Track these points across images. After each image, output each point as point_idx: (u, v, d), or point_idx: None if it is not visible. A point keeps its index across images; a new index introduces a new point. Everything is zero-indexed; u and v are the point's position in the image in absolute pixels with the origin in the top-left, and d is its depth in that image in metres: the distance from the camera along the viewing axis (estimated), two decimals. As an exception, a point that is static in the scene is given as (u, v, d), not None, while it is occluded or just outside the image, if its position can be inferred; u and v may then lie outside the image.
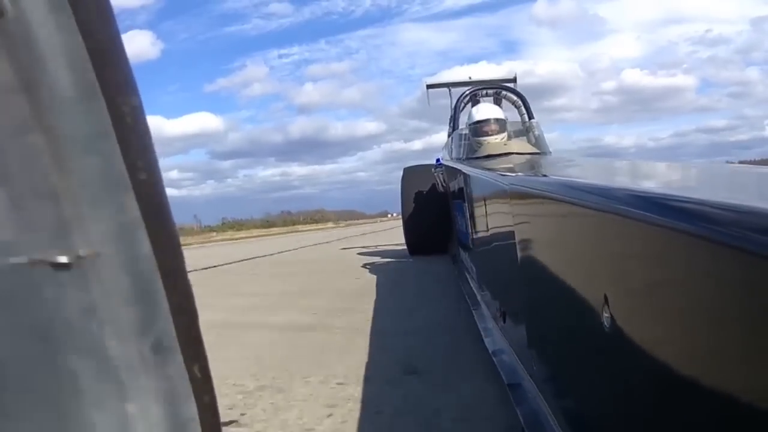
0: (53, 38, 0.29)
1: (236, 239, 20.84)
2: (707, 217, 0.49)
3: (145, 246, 0.31)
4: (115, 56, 0.32)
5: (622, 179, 1.33)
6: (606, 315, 0.69)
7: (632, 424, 0.69)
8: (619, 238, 0.68)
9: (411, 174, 6.29)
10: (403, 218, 6.33)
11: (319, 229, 27.51)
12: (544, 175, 1.66)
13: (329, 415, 1.50)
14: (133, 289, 0.31)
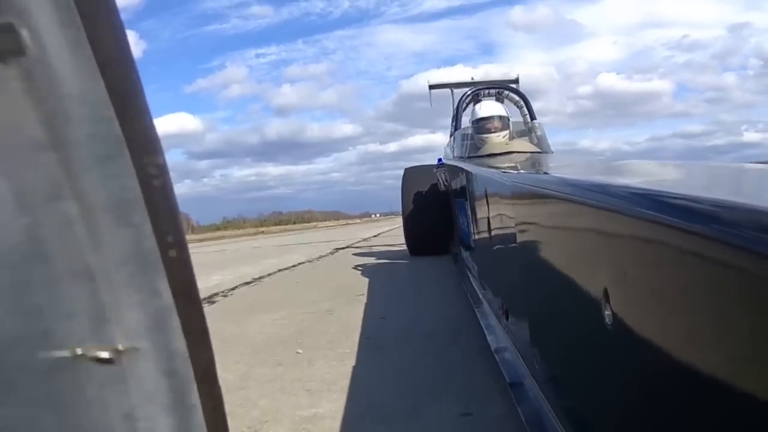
0: (76, 84, 0.27)
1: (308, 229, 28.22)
2: (709, 215, 0.49)
3: (179, 340, 0.30)
4: (139, 106, 0.30)
5: (624, 177, 1.33)
6: (608, 313, 0.69)
7: (634, 422, 0.68)
8: (622, 236, 0.68)
9: (412, 174, 6.28)
10: (403, 218, 6.33)
11: (359, 224, 35.10)
12: (546, 173, 1.65)
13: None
14: (169, 394, 0.30)
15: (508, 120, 4.50)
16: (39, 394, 0.28)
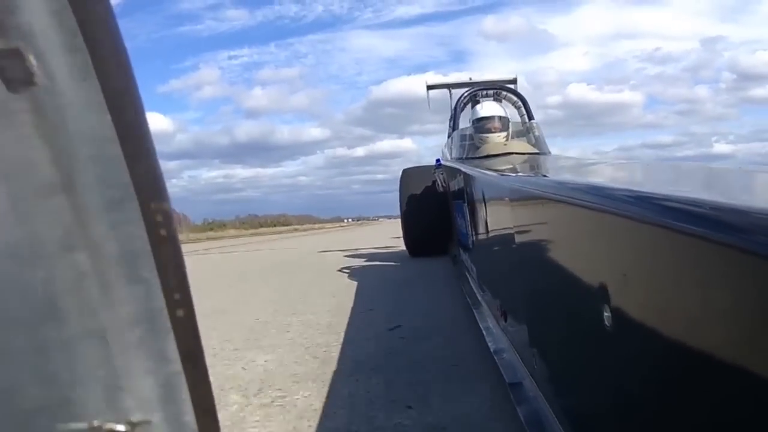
0: (84, 119, 0.26)
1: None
2: (705, 217, 0.49)
3: (189, 413, 0.28)
4: (146, 147, 0.28)
5: (620, 180, 1.34)
6: (606, 314, 0.69)
7: (633, 423, 0.69)
8: (619, 237, 0.69)
9: (410, 176, 6.28)
10: (402, 220, 6.32)
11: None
12: (544, 176, 1.66)
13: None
14: None
15: (508, 121, 4.53)
16: None
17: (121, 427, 0.27)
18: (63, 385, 0.26)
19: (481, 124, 4.45)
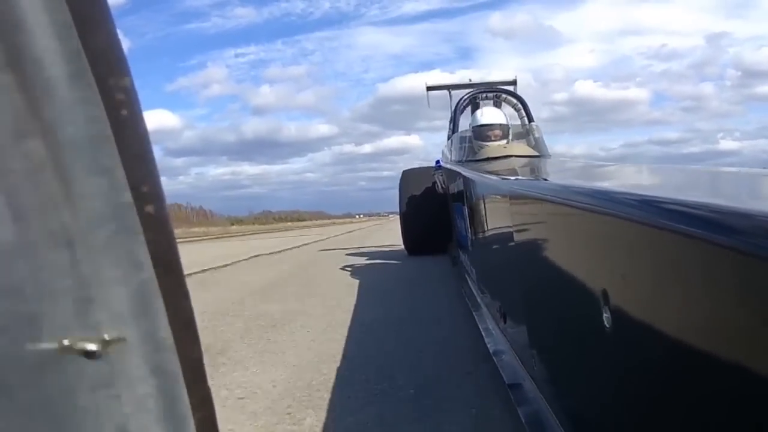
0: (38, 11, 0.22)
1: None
2: (704, 219, 0.50)
3: (164, 327, 0.25)
4: (100, 14, 0.24)
5: (620, 182, 1.35)
6: (606, 315, 0.69)
7: (633, 424, 0.69)
8: (619, 239, 0.69)
9: (410, 177, 6.29)
10: (401, 221, 6.33)
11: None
12: (544, 179, 1.67)
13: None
14: (160, 400, 0.25)
15: (508, 128, 4.52)
16: (28, 399, 0.24)
17: (92, 345, 0.24)
18: (28, 299, 0.23)
19: (481, 131, 4.44)
